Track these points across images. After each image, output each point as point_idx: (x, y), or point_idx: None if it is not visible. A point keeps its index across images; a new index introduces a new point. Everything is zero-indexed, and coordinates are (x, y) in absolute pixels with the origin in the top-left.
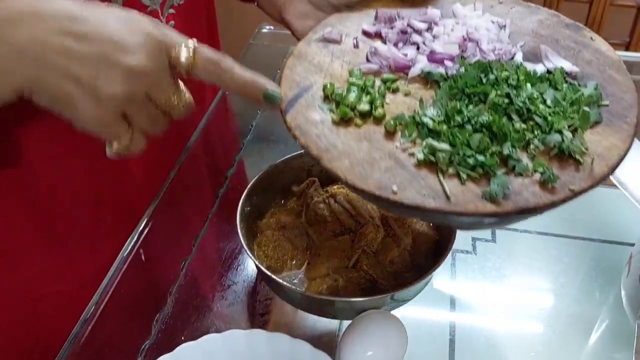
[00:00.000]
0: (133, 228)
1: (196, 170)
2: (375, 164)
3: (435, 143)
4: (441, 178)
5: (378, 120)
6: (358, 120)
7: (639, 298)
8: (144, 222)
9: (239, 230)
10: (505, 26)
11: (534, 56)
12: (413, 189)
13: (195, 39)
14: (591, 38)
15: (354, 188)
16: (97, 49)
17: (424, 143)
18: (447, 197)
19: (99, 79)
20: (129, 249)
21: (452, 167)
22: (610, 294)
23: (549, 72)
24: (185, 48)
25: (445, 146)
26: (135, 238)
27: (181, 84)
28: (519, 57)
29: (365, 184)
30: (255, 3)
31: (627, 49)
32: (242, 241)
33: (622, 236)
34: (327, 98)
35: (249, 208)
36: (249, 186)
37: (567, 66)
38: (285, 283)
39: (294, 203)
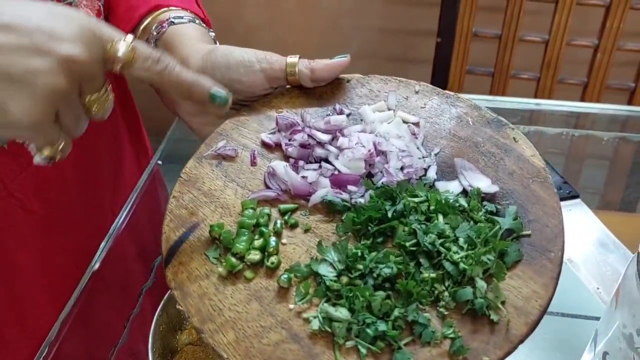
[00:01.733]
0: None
1: (119, 261)
2: (264, 337)
3: (331, 310)
4: (338, 356)
5: (272, 271)
6: (248, 273)
7: None
8: (55, 332)
9: (149, 353)
10: (419, 132)
11: (450, 168)
12: None
13: (131, 35)
14: (514, 139)
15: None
16: (27, 40)
17: (320, 307)
18: None
19: (35, 72)
20: None
21: (350, 340)
22: None
23: (465, 191)
24: (123, 42)
25: (342, 313)
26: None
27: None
28: (432, 174)
29: None
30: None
31: (585, 89)
32: None
33: (584, 309)
34: (215, 240)
35: (164, 325)
36: (165, 296)
37: (485, 186)
38: None
39: None
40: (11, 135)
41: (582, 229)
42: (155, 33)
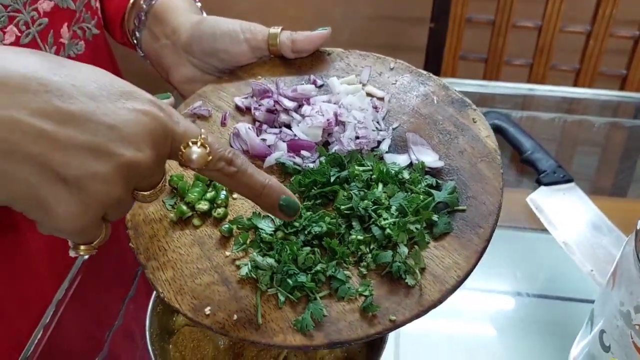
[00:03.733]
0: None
1: (115, 241)
2: (198, 277)
3: (259, 259)
4: (259, 300)
5: (218, 221)
6: (196, 221)
7: None
8: (51, 314)
9: (147, 334)
10: (381, 106)
11: (405, 142)
12: (226, 311)
13: (203, 129)
14: (473, 120)
15: (169, 306)
16: (88, 137)
17: (250, 256)
18: (257, 325)
19: (91, 178)
20: None
21: (272, 288)
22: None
23: (412, 165)
24: (199, 146)
25: (268, 262)
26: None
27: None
28: (384, 147)
29: (180, 304)
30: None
31: (577, 75)
32: (150, 349)
33: (579, 292)
34: (173, 190)
35: (161, 307)
36: None
37: (430, 160)
38: None
39: None
40: (49, 233)
41: (576, 213)
42: (145, 6)
